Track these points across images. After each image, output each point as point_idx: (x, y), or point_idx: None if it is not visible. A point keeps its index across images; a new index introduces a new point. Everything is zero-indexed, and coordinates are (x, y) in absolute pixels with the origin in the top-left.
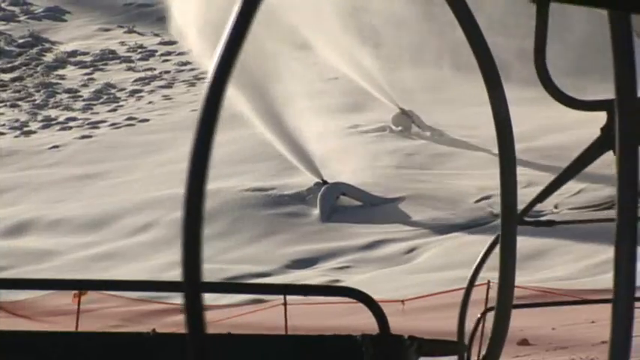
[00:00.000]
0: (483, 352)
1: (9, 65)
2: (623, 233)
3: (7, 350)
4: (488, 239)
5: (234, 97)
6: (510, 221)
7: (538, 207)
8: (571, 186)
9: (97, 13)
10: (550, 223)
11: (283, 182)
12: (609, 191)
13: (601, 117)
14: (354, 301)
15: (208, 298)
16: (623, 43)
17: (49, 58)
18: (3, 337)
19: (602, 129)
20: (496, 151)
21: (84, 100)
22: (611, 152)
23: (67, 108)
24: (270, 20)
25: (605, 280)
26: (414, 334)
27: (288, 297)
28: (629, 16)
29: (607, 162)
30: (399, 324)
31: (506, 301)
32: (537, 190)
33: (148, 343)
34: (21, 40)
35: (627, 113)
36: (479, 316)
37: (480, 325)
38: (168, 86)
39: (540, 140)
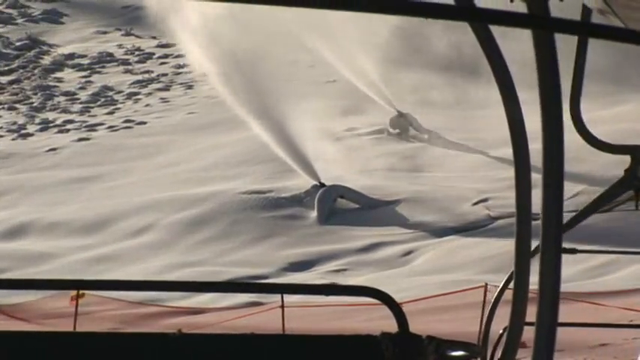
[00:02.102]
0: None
1: (6, 68)
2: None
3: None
4: (486, 241)
5: (232, 99)
6: (525, 224)
7: (535, 210)
8: (569, 188)
9: (95, 15)
10: (572, 251)
11: (281, 185)
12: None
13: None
14: (375, 301)
15: (208, 299)
16: (548, 62)
17: (46, 60)
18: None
19: (625, 171)
20: (493, 153)
21: (81, 103)
22: (610, 159)
23: (65, 111)
24: (269, 23)
25: (606, 282)
26: None
27: (285, 299)
28: (552, 36)
29: (605, 164)
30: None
31: (521, 305)
32: (534, 193)
33: (173, 343)
34: (18, 43)
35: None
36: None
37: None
38: (166, 89)
39: (537, 143)
